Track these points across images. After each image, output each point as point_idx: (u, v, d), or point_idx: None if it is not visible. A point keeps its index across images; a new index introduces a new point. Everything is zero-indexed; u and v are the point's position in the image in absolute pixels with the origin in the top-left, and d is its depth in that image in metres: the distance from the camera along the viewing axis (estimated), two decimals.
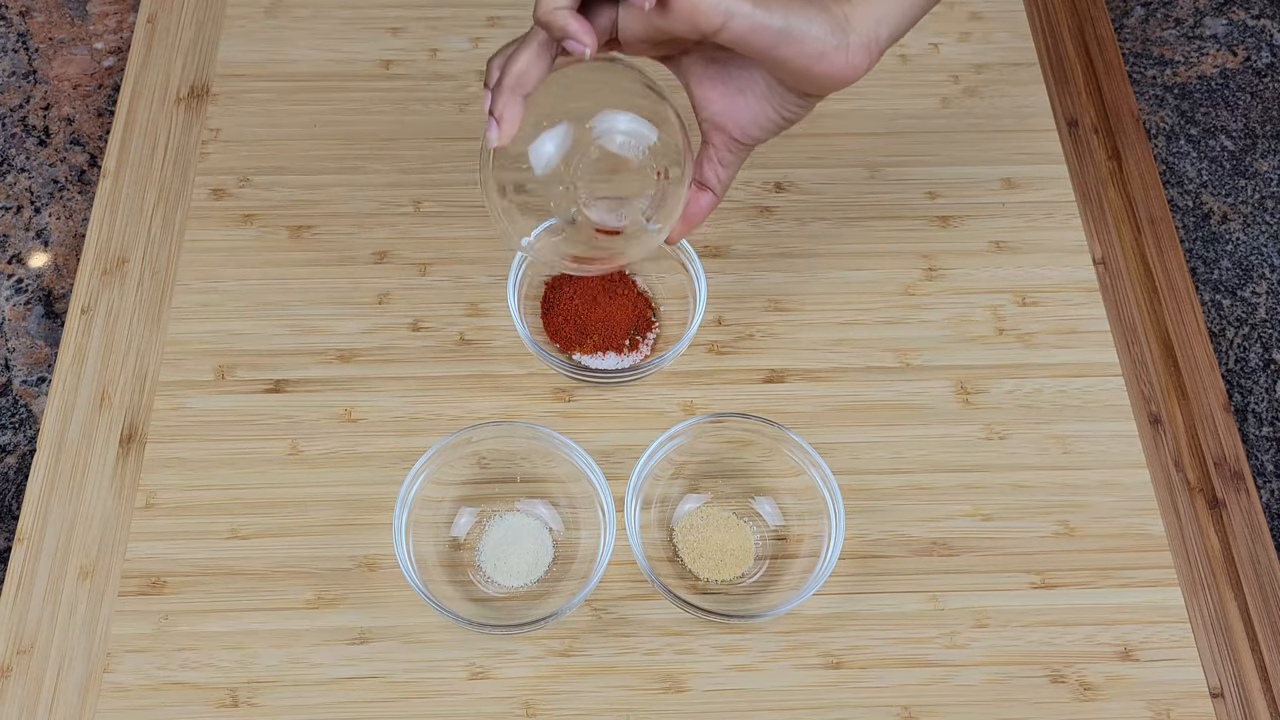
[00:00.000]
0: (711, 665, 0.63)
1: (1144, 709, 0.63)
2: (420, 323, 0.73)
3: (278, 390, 0.70)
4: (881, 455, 0.69)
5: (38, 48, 0.89)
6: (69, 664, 0.63)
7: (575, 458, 0.64)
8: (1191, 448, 0.71)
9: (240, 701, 0.61)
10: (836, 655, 0.63)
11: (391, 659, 0.63)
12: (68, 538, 0.66)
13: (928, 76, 0.84)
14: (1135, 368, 0.73)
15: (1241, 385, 0.78)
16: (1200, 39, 0.93)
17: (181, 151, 0.79)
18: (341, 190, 0.77)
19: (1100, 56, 0.86)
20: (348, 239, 0.76)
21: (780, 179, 0.79)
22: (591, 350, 0.70)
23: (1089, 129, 0.82)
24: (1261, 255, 0.83)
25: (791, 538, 0.66)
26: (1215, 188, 0.86)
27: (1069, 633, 0.64)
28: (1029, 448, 0.70)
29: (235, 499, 0.67)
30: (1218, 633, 0.65)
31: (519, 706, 0.62)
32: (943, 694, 0.63)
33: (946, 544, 0.67)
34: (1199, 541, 0.68)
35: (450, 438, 0.64)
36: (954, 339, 0.73)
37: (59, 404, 0.70)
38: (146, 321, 0.73)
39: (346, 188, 0.78)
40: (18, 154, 0.84)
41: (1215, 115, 0.89)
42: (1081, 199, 0.79)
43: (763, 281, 0.75)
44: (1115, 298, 0.76)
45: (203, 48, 0.84)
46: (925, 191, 0.79)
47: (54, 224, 0.81)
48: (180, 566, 0.65)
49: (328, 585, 0.65)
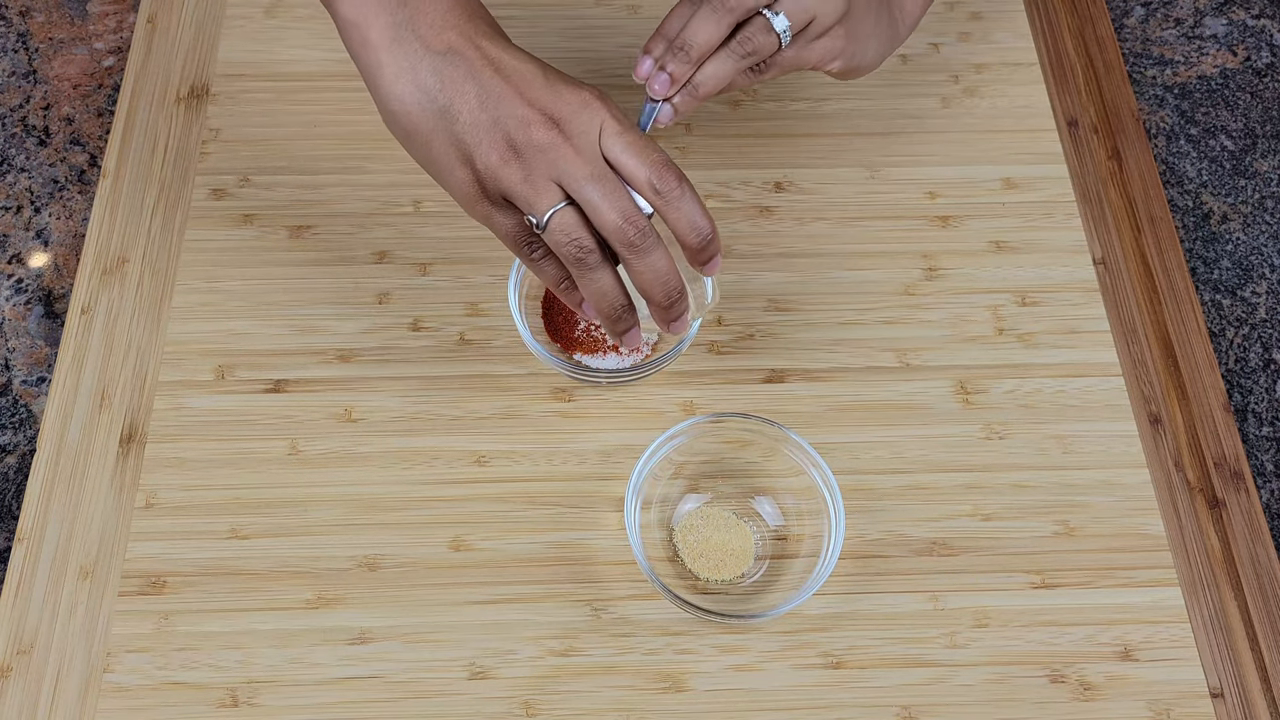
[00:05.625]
0: (711, 665, 0.63)
1: (1144, 709, 0.63)
2: (420, 323, 0.73)
3: (278, 390, 0.70)
4: (881, 455, 0.69)
5: (38, 48, 0.89)
6: (69, 664, 0.63)
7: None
8: (1191, 448, 0.71)
9: (240, 701, 0.61)
10: (836, 655, 0.63)
11: (391, 659, 0.63)
12: (68, 538, 0.66)
13: (928, 76, 0.84)
14: (1135, 368, 0.73)
15: (1241, 385, 0.78)
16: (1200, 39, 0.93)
17: (181, 151, 0.79)
18: (341, 190, 0.77)
19: (1100, 56, 0.86)
20: (348, 239, 0.76)
21: (780, 179, 0.79)
22: (591, 350, 0.70)
23: (1089, 129, 0.82)
24: (1261, 255, 0.83)
25: (791, 538, 0.66)
26: (1215, 188, 0.86)
27: (1069, 633, 0.64)
28: (1029, 448, 0.70)
29: (235, 499, 0.67)
30: (1218, 633, 0.65)
31: (519, 706, 0.62)
32: (943, 694, 0.63)
33: (946, 544, 0.67)
34: (1199, 541, 0.68)
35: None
36: (954, 339, 0.73)
37: (59, 404, 0.70)
38: (146, 321, 0.73)
39: (346, 188, 0.78)
40: (18, 154, 0.84)
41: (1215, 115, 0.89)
42: (1081, 199, 0.79)
43: (763, 281, 0.75)
44: (1115, 298, 0.76)
45: (203, 48, 0.84)
46: (925, 191, 0.79)
47: (54, 224, 0.81)
48: (180, 566, 0.65)
49: (328, 585, 0.65)
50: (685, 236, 0.55)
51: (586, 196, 0.53)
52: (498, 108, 0.53)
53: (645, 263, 0.54)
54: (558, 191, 0.53)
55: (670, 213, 0.54)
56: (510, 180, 0.53)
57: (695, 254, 0.56)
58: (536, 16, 0.86)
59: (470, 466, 0.68)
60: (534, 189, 0.53)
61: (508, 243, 0.57)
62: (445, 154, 0.54)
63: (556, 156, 0.53)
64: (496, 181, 0.53)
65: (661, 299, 0.56)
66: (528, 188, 0.53)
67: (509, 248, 0.57)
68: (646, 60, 0.58)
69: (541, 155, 0.53)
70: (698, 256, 0.56)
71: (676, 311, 0.57)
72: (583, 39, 0.84)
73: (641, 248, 0.54)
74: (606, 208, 0.53)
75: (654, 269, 0.54)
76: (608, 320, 0.57)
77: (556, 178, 0.53)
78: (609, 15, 0.86)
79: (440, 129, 0.54)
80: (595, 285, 0.55)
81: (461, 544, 0.66)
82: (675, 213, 0.54)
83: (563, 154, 0.53)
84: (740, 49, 0.58)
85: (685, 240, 0.55)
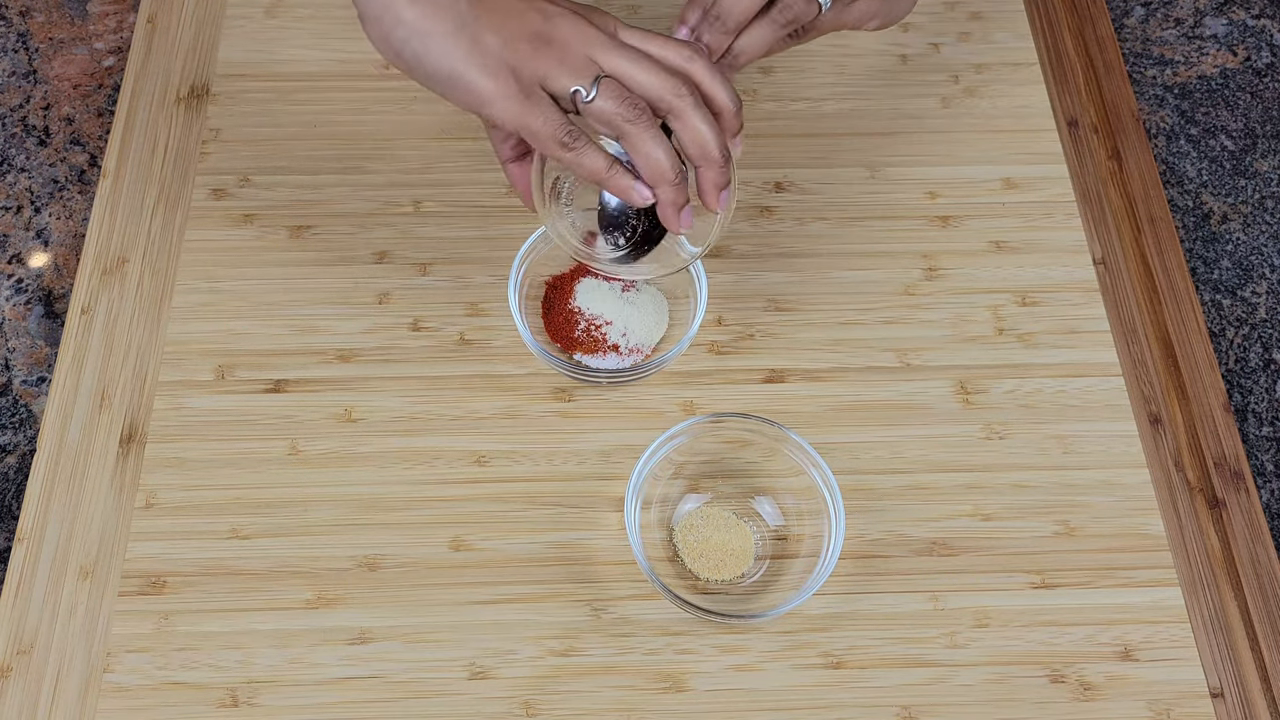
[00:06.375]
0: (711, 665, 0.63)
1: (1144, 709, 0.63)
2: (420, 323, 0.73)
3: (278, 390, 0.70)
4: (881, 455, 0.69)
5: (38, 48, 0.89)
6: (69, 664, 0.63)
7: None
8: (1191, 448, 0.71)
9: (240, 701, 0.61)
10: (836, 655, 0.63)
11: (391, 659, 0.63)
12: (68, 538, 0.66)
13: (928, 76, 0.84)
14: (1135, 368, 0.73)
15: (1241, 385, 0.78)
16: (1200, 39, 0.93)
17: (181, 151, 0.79)
18: (341, 190, 0.77)
19: (1100, 56, 0.86)
20: (348, 239, 0.76)
21: (780, 179, 0.79)
22: (591, 350, 0.70)
23: (1089, 129, 0.82)
24: (1261, 255, 0.83)
25: (791, 538, 0.66)
26: (1215, 188, 0.86)
27: (1069, 633, 0.64)
28: (1029, 448, 0.70)
29: (235, 499, 0.67)
30: (1218, 633, 0.65)
31: (519, 706, 0.62)
32: (943, 694, 0.63)
33: (946, 544, 0.67)
34: (1199, 541, 0.68)
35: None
36: (954, 339, 0.73)
37: (59, 404, 0.70)
38: (146, 321, 0.73)
39: (346, 188, 0.78)
40: (18, 154, 0.84)
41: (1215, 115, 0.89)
42: (1081, 199, 0.79)
43: (763, 281, 0.75)
44: (1115, 298, 0.76)
45: (203, 48, 0.84)
46: (925, 191, 0.79)
47: (54, 224, 0.81)
48: (180, 566, 0.65)
49: (328, 585, 0.65)
50: (723, 105, 0.55)
51: (623, 68, 0.54)
52: (523, 12, 0.54)
53: (692, 122, 0.54)
54: (595, 65, 0.54)
55: (705, 85, 0.55)
56: (547, 64, 0.54)
57: (732, 122, 0.56)
58: None
59: (470, 466, 0.68)
60: (573, 65, 0.54)
61: (548, 143, 0.55)
62: (473, 67, 0.54)
63: (585, 38, 0.54)
64: (534, 69, 0.54)
65: (716, 155, 0.55)
66: (566, 67, 0.54)
67: (549, 150, 0.55)
68: (683, 29, 0.58)
69: (571, 38, 0.54)
70: (731, 124, 0.56)
71: (727, 175, 0.56)
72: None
73: (685, 107, 0.54)
74: (642, 74, 0.54)
75: (700, 127, 0.54)
76: (669, 187, 0.56)
77: (589, 54, 0.54)
78: None
79: (465, 41, 0.54)
80: (651, 148, 0.54)
81: (462, 544, 0.66)
82: (708, 84, 0.55)
83: (590, 35, 0.54)
84: (781, 17, 0.58)
85: (722, 108, 0.56)
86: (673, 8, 0.85)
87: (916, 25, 0.86)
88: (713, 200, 0.57)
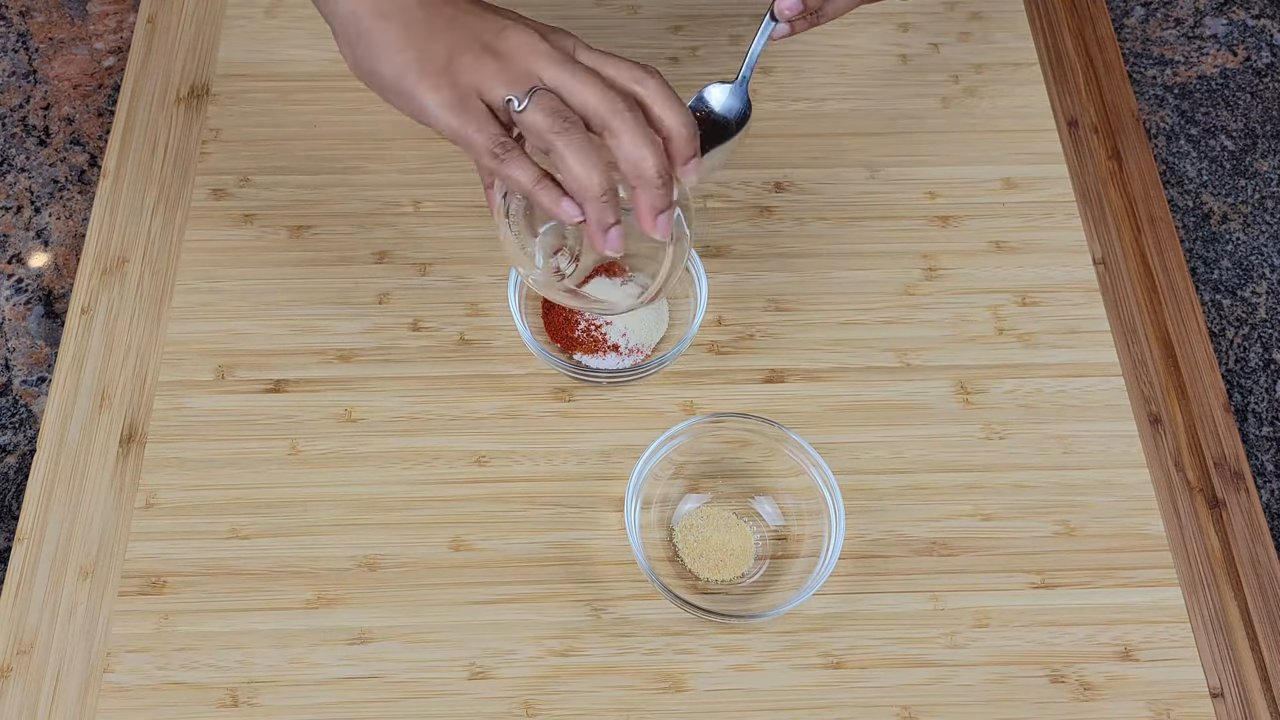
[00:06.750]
0: (711, 665, 0.63)
1: (1144, 709, 0.63)
2: (420, 323, 0.73)
3: (278, 390, 0.70)
4: (881, 455, 0.69)
5: (38, 48, 0.89)
6: (69, 664, 0.63)
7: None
8: (1191, 448, 0.71)
9: (240, 701, 0.61)
10: (836, 655, 0.63)
11: (391, 659, 0.63)
12: (68, 538, 0.66)
13: (928, 76, 0.84)
14: (1135, 368, 0.73)
15: (1241, 385, 0.78)
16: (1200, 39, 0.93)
17: (181, 151, 0.79)
18: (341, 190, 0.77)
19: (1100, 56, 0.86)
20: (348, 239, 0.76)
21: (780, 179, 0.79)
22: (591, 350, 0.70)
23: (1089, 129, 0.82)
24: (1261, 255, 0.83)
25: (791, 538, 0.66)
26: (1215, 188, 0.86)
27: (1069, 633, 0.64)
28: (1029, 448, 0.70)
29: (235, 499, 0.67)
30: (1218, 633, 0.65)
31: (519, 706, 0.62)
32: (943, 694, 0.63)
33: (946, 544, 0.67)
34: (1199, 541, 0.68)
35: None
36: (954, 339, 0.73)
37: (59, 404, 0.70)
38: (146, 321, 0.73)
39: (346, 188, 0.78)
40: (18, 154, 0.84)
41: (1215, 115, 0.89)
42: (1081, 199, 0.79)
43: (763, 281, 0.75)
44: (1115, 298, 0.76)
45: (203, 48, 0.84)
46: (925, 191, 0.79)
47: (54, 224, 0.81)
48: (180, 566, 0.65)
49: (328, 585, 0.65)
50: (672, 129, 0.55)
51: (563, 82, 0.54)
52: (475, 25, 0.55)
53: (627, 139, 0.53)
54: (534, 77, 0.54)
55: (655, 108, 0.55)
56: (486, 74, 0.54)
57: (682, 148, 0.55)
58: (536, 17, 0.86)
59: (470, 466, 0.68)
60: (511, 76, 0.54)
61: (481, 154, 0.54)
62: (414, 75, 0.54)
63: (533, 51, 0.54)
64: (472, 79, 0.54)
65: (651, 175, 0.54)
66: (504, 77, 0.54)
67: (481, 160, 0.55)
68: None
69: (517, 51, 0.54)
70: (681, 150, 0.55)
71: (667, 198, 0.55)
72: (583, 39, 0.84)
73: (621, 125, 0.53)
74: (582, 88, 0.53)
75: (635, 145, 0.53)
76: (594, 203, 0.54)
77: (531, 69, 0.54)
78: (609, 15, 0.86)
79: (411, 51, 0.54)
80: (575, 162, 0.53)
81: (461, 544, 0.66)
82: (659, 107, 0.55)
83: (538, 49, 0.54)
84: None
85: (672, 132, 0.55)
86: (673, 8, 0.85)
87: (916, 25, 0.86)
88: (648, 222, 0.55)
